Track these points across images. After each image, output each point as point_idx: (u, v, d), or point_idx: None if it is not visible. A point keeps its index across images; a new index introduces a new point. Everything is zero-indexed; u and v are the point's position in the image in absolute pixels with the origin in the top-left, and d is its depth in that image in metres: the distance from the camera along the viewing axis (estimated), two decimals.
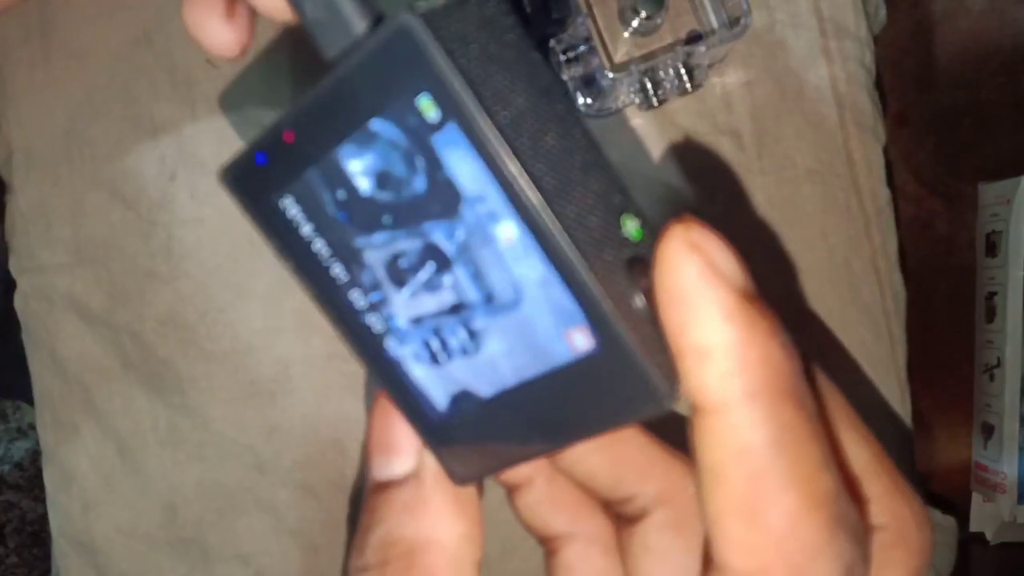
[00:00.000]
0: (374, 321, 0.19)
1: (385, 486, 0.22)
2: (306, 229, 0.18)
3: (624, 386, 0.17)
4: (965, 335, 0.65)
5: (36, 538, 0.85)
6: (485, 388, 0.19)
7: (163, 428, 0.39)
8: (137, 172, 0.39)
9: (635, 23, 0.36)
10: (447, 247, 0.17)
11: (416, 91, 0.15)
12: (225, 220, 0.39)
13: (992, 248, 0.63)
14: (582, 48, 0.35)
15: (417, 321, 0.18)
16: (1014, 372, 0.62)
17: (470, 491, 0.22)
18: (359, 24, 0.16)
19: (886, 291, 0.40)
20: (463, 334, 0.18)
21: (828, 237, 0.40)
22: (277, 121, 0.17)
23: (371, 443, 0.23)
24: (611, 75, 0.35)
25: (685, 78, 0.37)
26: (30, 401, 0.41)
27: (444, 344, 0.18)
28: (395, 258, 0.18)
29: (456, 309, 0.18)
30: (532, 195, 0.15)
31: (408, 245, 0.17)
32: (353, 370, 0.39)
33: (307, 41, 0.17)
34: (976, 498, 0.66)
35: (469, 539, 0.22)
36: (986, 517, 0.66)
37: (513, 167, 0.15)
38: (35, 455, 0.85)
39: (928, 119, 0.66)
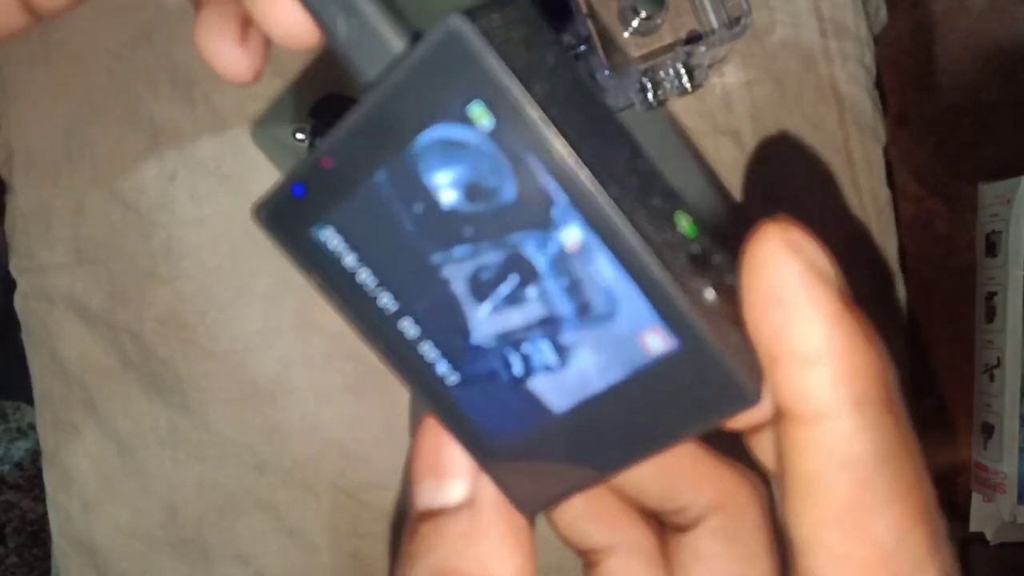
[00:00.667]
0: (427, 350, 0.18)
1: (435, 513, 0.21)
2: (349, 260, 0.17)
3: (706, 386, 0.16)
4: (965, 335, 0.65)
5: (36, 538, 0.85)
6: (557, 403, 0.18)
7: (163, 428, 0.39)
8: (137, 172, 0.39)
9: (635, 23, 0.36)
10: (509, 256, 0.16)
11: (468, 98, 0.15)
12: (225, 220, 0.39)
13: (992, 248, 0.63)
14: (582, 48, 0.35)
15: (496, 339, 0.17)
16: (1014, 372, 0.62)
17: (524, 522, 0.20)
18: (397, 42, 0.16)
19: (887, 291, 0.40)
20: (547, 348, 0.17)
21: (828, 237, 0.40)
22: (314, 149, 0.17)
23: (418, 466, 0.21)
24: (611, 75, 0.35)
25: (685, 78, 0.37)
26: (30, 401, 0.41)
27: (527, 361, 0.17)
28: (473, 275, 0.17)
29: (515, 318, 0.17)
30: (600, 198, 0.15)
31: (465, 261, 0.17)
32: (353, 370, 0.39)
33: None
34: (976, 498, 0.66)
35: (525, 573, 0.21)
36: (986, 517, 0.66)
37: (578, 168, 0.15)
38: (35, 455, 0.85)
39: (928, 119, 0.66)
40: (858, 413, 0.15)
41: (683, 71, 0.36)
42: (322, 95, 0.39)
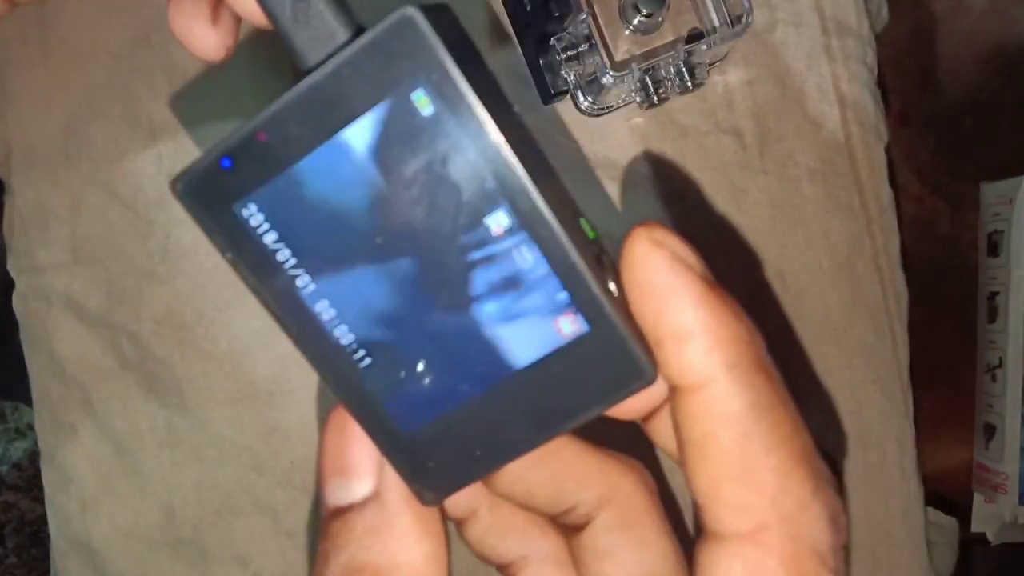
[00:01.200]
0: (341, 332, 0.18)
1: (344, 510, 0.21)
2: (269, 238, 0.17)
3: (611, 367, 0.17)
4: (967, 335, 0.65)
5: (35, 538, 0.85)
6: (466, 387, 0.18)
7: (161, 429, 0.39)
8: (135, 172, 0.39)
9: (636, 21, 0.35)
10: (435, 240, 0.17)
11: (412, 85, 0.15)
12: None
13: (994, 248, 0.63)
14: (583, 46, 0.35)
15: (410, 322, 0.18)
16: (1016, 372, 0.62)
17: (433, 509, 0.21)
18: (342, 31, 0.16)
19: (888, 291, 0.40)
20: (449, 330, 0.17)
21: (830, 236, 0.40)
22: (250, 124, 0.16)
23: (325, 465, 0.21)
24: (612, 73, 0.34)
25: (686, 76, 0.36)
26: (29, 402, 0.41)
27: (438, 344, 0.18)
28: (396, 257, 0.17)
29: (438, 303, 0.17)
30: (529, 187, 0.16)
31: (392, 243, 0.17)
32: None
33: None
34: (977, 498, 0.66)
35: (436, 559, 0.21)
36: (987, 517, 0.66)
37: (512, 158, 0.16)
38: (34, 455, 0.85)
39: (930, 118, 0.66)
40: (732, 375, 0.17)
41: (684, 69, 0.36)
42: None
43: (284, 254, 0.17)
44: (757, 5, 0.36)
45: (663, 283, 0.17)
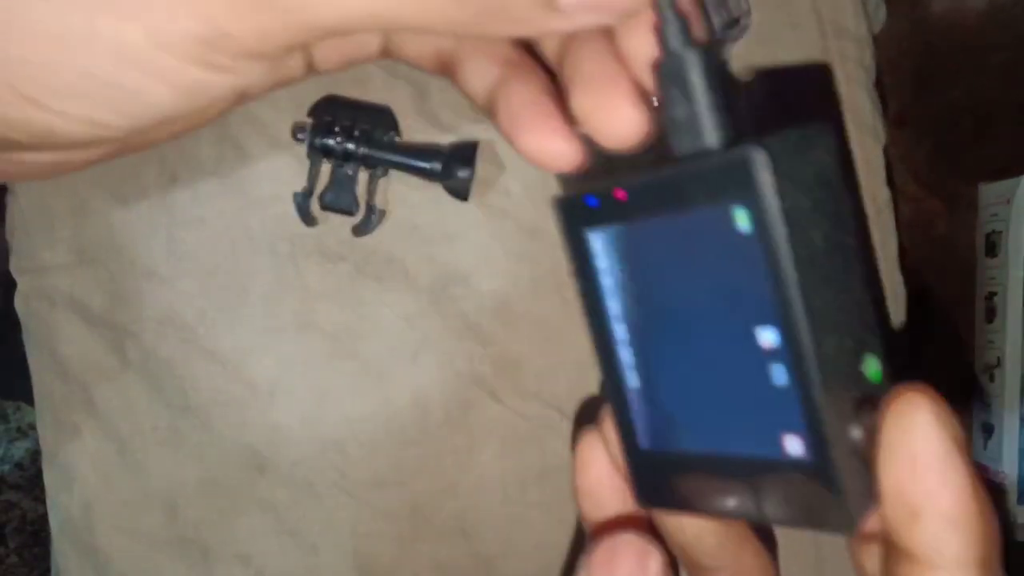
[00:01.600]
0: (625, 354, 0.22)
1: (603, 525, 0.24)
2: (600, 262, 0.22)
3: (817, 500, 0.19)
4: (965, 335, 0.65)
5: (36, 538, 0.85)
6: (695, 441, 0.21)
7: (163, 428, 0.39)
8: (137, 173, 0.39)
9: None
10: (711, 318, 0.20)
11: (740, 204, 0.18)
12: (225, 220, 0.39)
13: (992, 248, 0.63)
14: None
15: (664, 364, 0.21)
16: (1014, 372, 0.62)
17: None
18: (712, 138, 0.19)
19: (887, 291, 0.40)
20: (699, 392, 0.21)
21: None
22: (618, 180, 0.20)
23: (581, 486, 0.24)
24: None
25: None
26: (31, 401, 0.41)
27: (690, 401, 0.21)
28: (662, 313, 0.21)
29: (699, 371, 0.21)
30: (802, 324, 0.18)
31: (678, 307, 0.21)
32: (353, 370, 0.40)
33: None
34: None
35: None
36: None
37: (799, 298, 0.18)
38: (35, 455, 0.85)
39: (927, 119, 0.66)
40: (961, 572, 0.18)
41: None
42: (321, 97, 0.39)
43: (606, 278, 0.22)
44: (755, 7, 0.36)
45: (936, 465, 0.17)
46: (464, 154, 0.39)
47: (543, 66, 0.22)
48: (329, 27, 0.16)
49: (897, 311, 0.41)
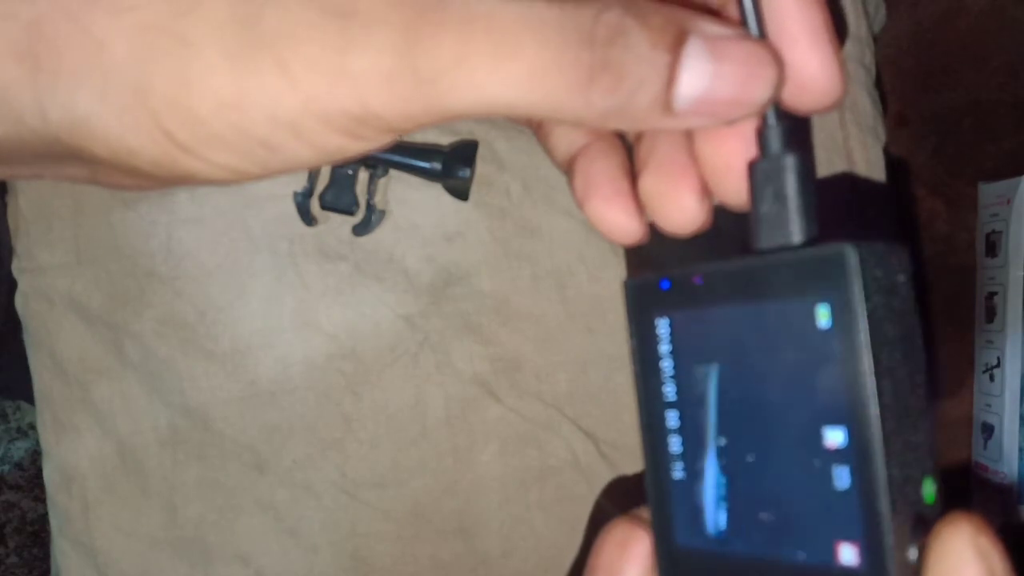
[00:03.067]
0: (673, 442, 0.22)
1: None
2: (663, 348, 0.21)
3: None
4: (965, 335, 0.65)
5: (36, 538, 0.85)
6: (741, 546, 0.20)
7: (163, 428, 0.39)
8: None
9: None
10: (774, 414, 0.20)
11: (823, 300, 0.19)
12: (224, 220, 0.39)
13: (992, 248, 0.63)
14: None
15: (726, 475, 0.21)
16: (1014, 372, 0.62)
17: None
18: (798, 235, 0.20)
19: None
20: (749, 487, 0.20)
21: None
22: (697, 266, 0.21)
23: (597, 569, 0.23)
24: None
25: None
26: (31, 401, 0.41)
27: (739, 501, 0.21)
28: (723, 404, 0.21)
29: (753, 464, 0.20)
30: (875, 423, 0.18)
31: (739, 399, 0.20)
32: (352, 370, 0.39)
33: None
34: (976, 498, 0.66)
35: None
36: (986, 517, 0.66)
37: (870, 392, 0.18)
38: (35, 455, 0.85)
39: (928, 119, 0.66)
40: None
41: None
42: None
43: (666, 364, 0.22)
44: None
45: None
46: (464, 154, 0.39)
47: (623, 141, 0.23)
48: (464, 114, 0.17)
49: None
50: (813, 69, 0.19)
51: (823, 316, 0.19)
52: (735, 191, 0.21)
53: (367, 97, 0.17)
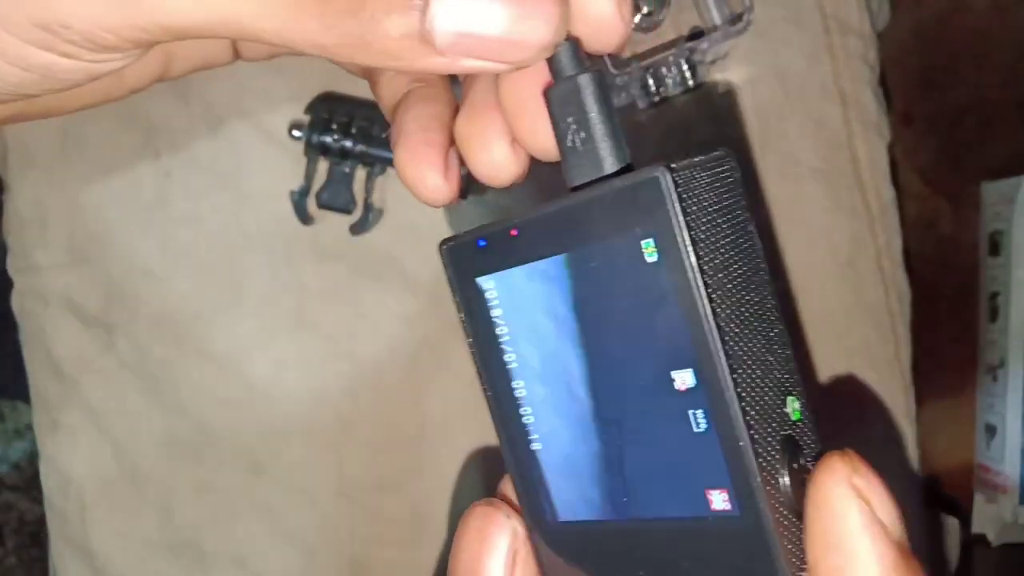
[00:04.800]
0: (527, 413, 0.20)
1: None
2: (494, 312, 0.20)
3: (746, 560, 0.17)
4: (968, 335, 0.65)
5: (34, 539, 0.85)
6: (612, 510, 0.19)
7: (159, 430, 0.39)
8: (132, 171, 0.39)
9: (637, 19, 0.35)
10: (621, 369, 0.18)
11: (646, 233, 0.17)
12: (220, 218, 0.39)
13: (995, 247, 0.63)
14: None
15: (573, 423, 0.19)
16: (1017, 372, 0.62)
17: None
18: (610, 164, 0.18)
19: (891, 290, 0.40)
20: (612, 451, 0.19)
21: (832, 236, 0.39)
22: (511, 219, 0.19)
23: (458, 566, 0.22)
24: (613, 71, 0.34)
25: (687, 75, 0.36)
26: (28, 401, 0.41)
27: (603, 461, 0.19)
28: (584, 372, 0.19)
29: (611, 425, 0.19)
30: (719, 359, 0.17)
31: (584, 358, 0.19)
32: (349, 372, 0.39)
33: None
34: (978, 499, 0.66)
35: None
36: (989, 518, 0.65)
37: (709, 327, 0.17)
38: (33, 456, 0.85)
39: (931, 118, 0.66)
40: None
41: (686, 68, 0.36)
42: (318, 94, 0.39)
43: (501, 329, 0.20)
44: (758, 3, 0.36)
45: (852, 544, 0.17)
46: None
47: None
48: (177, 30, 0.16)
49: (901, 310, 0.40)
50: (603, 6, 0.17)
51: (649, 250, 0.17)
52: (534, 136, 0.19)
53: (51, 2, 0.15)
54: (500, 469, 0.22)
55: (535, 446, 0.20)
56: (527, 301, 0.19)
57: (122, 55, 0.17)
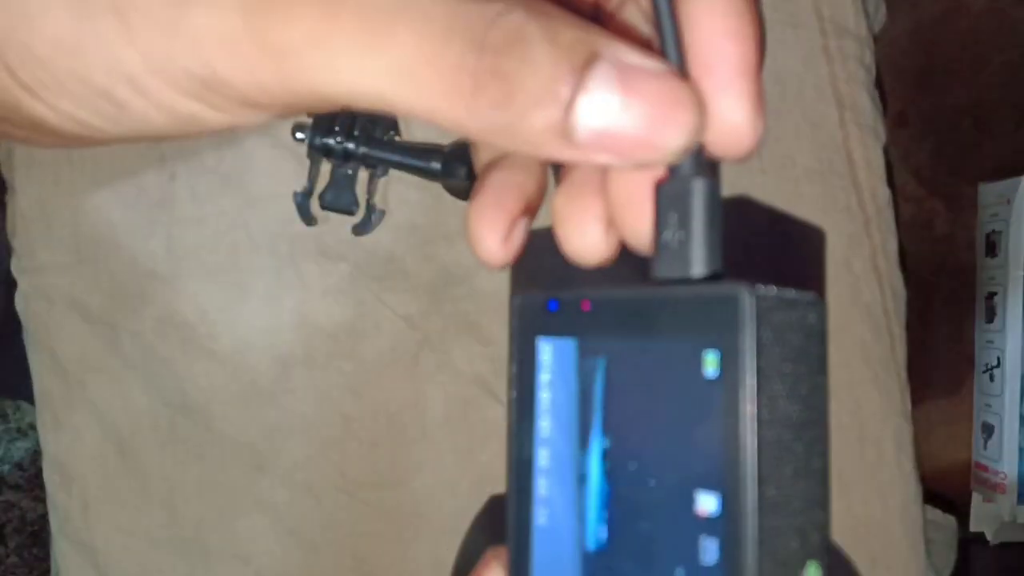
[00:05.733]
0: (540, 484, 0.20)
1: None
2: (542, 376, 0.20)
3: None
4: (965, 335, 0.65)
5: (36, 538, 0.85)
6: None
7: (163, 428, 0.39)
8: (137, 172, 0.39)
9: None
10: (645, 471, 0.18)
11: (712, 346, 0.17)
12: (225, 219, 0.39)
13: (992, 248, 0.63)
14: None
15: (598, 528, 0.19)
16: (1014, 372, 0.62)
17: None
18: (699, 269, 0.18)
19: (886, 290, 0.40)
20: (614, 545, 0.19)
21: (828, 236, 0.40)
22: (586, 291, 0.19)
23: None
24: None
25: None
26: (31, 400, 0.41)
27: (591, 548, 0.19)
28: (592, 450, 0.19)
29: (616, 528, 0.19)
30: (750, 497, 0.16)
31: (611, 446, 0.19)
32: (352, 370, 0.39)
33: None
34: (976, 498, 0.66)
35: None
36: (986, 517, 0.66)
37: (751, 459, 0.16)
38: (35, 455, 0.85)
39: (928, 119, 0.66)
40: None
41: None
42: None
43: (542, 394, 0.20)
44: None
45: None
46: (464, 154, 0.38)
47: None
48: (331, 97, 0.16)
49: (897, 309, 0.40)
50: (737, 119, 0.17)
51: (711, 364, 0.16)
52: (635, 227, 0.19)
53: (210, 59, 0.15)
54: (500, 470, 0.22)
55: (537, 520, 0.20)
56: (573, 375, 0.19)
57: (269, 114, 0.17)
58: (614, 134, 0.16)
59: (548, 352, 0.20)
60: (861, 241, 0.40)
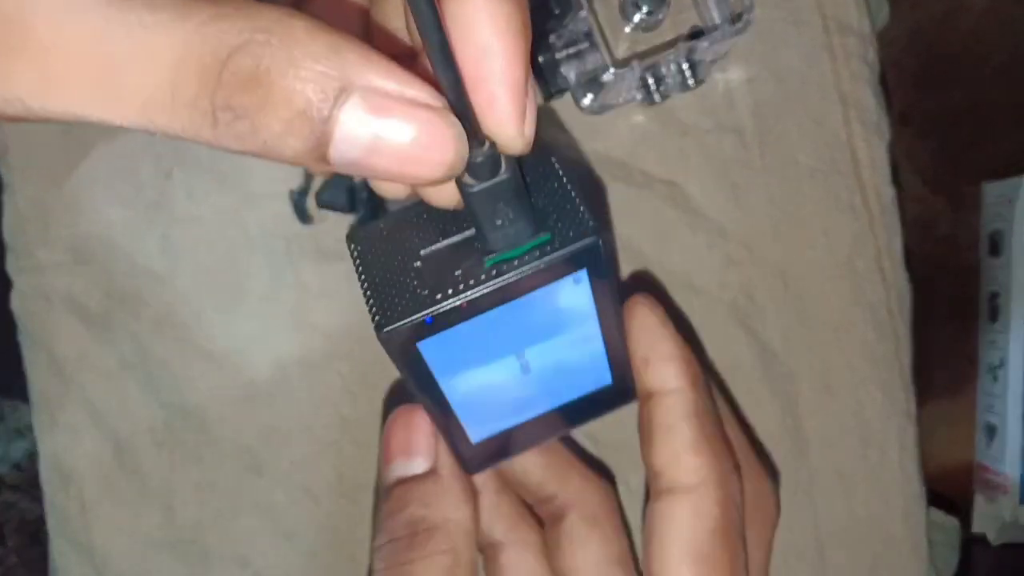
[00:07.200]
0: (455, 405, 0.26)
1: (407, 480, 0.29)
2: (433, 364, 0.24)
3: (616, 397, 0.30)
4: (968, 335, 0.65)
5: (35, 538, 0.85)
6: (519, 418, 0.28)
7: (160, 429, 0.39)
8: (134, 170, 0.39)
9: (637, 18, 0.35)
10: (530, 333, 0.25)
11: (581, 276, 0.23)
12: (222, 218, 0.39)
13: (995, 248, 0.63)
14: (583, 44, 0.35)
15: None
16: (1017, 372, 0.62)
17: (472, 484, 0.30)
18: (526, 236, 0.22)
19: (891, 290, 0.40)
20: (527, 397, 0.28)
21: (831, 236, 0.39)
22: (454, 299, 0.22)
23: (391, 448, 0.30)
24: (613, 71, 0.34)
25: (687, 74, 0.36)
26: (28, 401, 0.41)
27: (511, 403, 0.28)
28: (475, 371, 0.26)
29: (527, 381, 0.27)
30: (614, 327, 0.27)
31: (502, 336, 0.25)
32: (351, 371, 0.39)
33: None
34: (979, 499, 0.66)
35: (473, 518, 0.29)
36: (988, 518, 0.65)
37: (614, 316, 0.26)
38: (33, 455, 0.85)
39: (930, 118, 0.66)
40: (693, 388, 0.29)
41: (685, 67, 0.36)
42: None
43: (436, 371, 0.25)
44: (758, 3, 0.36)
45: (657, 331, 0.29)
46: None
47: None
48: (53, 118, 0.16)
49: (901, 309, 0.40)
50: (507, 132, 0.18)
51: (583, 286, 0.24)
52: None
53: None
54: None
55: (461, 417, 0.27)
56: (454, 347, 0.24)
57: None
58: (372, 163, 0.16)
59: (430, 347, 0.24)
60: (865, 240, 0.40)
